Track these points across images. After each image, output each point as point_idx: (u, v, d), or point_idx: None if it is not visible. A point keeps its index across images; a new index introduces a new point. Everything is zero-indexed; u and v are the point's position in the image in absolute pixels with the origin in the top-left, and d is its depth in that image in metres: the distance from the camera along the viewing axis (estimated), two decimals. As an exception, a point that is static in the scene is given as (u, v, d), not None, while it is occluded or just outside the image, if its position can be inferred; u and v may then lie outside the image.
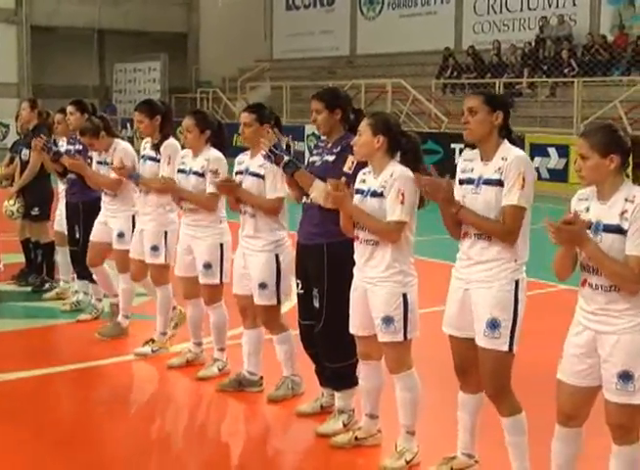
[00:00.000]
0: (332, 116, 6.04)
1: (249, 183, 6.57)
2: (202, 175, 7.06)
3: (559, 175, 18.85)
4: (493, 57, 26.34)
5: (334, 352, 6.06)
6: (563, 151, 19.12)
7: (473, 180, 5.01)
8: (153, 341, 7.88)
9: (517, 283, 4.94)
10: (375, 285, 5.42)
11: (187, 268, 7.28)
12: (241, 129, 6.62)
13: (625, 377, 4.36)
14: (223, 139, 7.29)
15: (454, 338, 5.18)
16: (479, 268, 4.97)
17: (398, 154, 5.51)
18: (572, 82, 22.74)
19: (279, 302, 6.67)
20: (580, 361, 4.50)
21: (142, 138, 7.98)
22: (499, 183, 4.89)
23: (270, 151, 6.10)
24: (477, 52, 27.05)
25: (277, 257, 6.58)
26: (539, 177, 19.64)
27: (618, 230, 4.32)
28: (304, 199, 6.10)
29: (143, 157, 7.81)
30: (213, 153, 7.11)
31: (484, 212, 4.92)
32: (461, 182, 5.09)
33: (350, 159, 5.80)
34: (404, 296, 5.40)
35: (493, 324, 4.91)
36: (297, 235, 6.25)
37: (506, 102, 5.19)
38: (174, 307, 8.08)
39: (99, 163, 8.36)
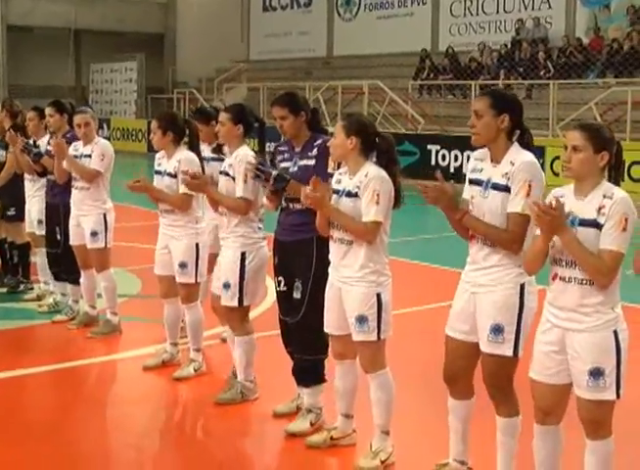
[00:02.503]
0: (297, 119, 6.07)
1: (220, 183, 6.61)
2: (174, 176, 7.10)
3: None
4: (472, 58, 26.41)
5: (307, 344, 6.07)
6: (539, 152, 19.08)
7: (482, 182, 4.92)
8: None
9: (522, 287, 4.87)
10: (349, 284, 5.44)
11: (164, 267, 7.31)
12: (217, 129, 6.65)
13: (596, 373, 4.39)
14: (196, 140, 7.33)
15: (451, 339, 5.13)
16: (484, 272, 4.92)
17: (374, 154, 5.54)
18: (548, 84, 22.86)
19: (240, 303, 6.55)
20: (550, 360, 4.53)
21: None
22: (506, 189, 4.80)
23: (258, 169, 6.11)
24: (453, 53, 27.12)
25: (243, 256, 6.51)
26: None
27: (595, 225, 4.35)
28: (284, 204, 6.11)
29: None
30: (186, 154, 7.15)
31: (491, 217, 4.85)
32: (471, 182, 5.02)
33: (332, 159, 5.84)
34: (378, 296, 5.40)
35: (497, 329, 4.86)
36: (275, 234, 6.24)
37: (514, 103, 5.00)
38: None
39: (75, 156, 8.33)
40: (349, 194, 5.41)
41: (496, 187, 4.84)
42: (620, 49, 23.05)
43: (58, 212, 8.74)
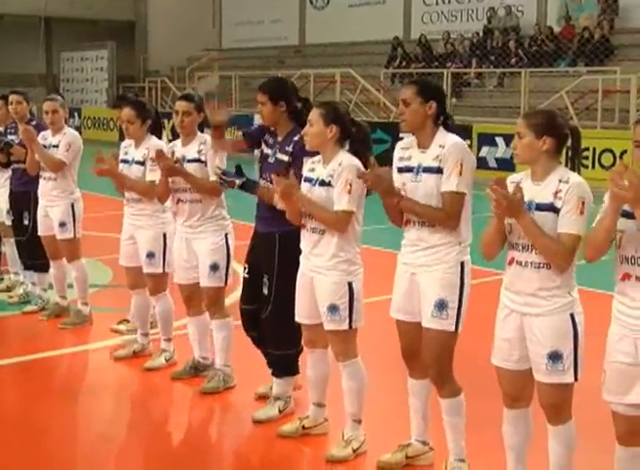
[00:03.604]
0: (276, 108, 6.03)
1: (190, 171, 6.59)
2: (143, 164, 7.08)
3: (507, 165, 18.91)
4: (445, 46, 26.46)
5: (279, 339, 6.09)
6: (510, 140, 19.13)
7: (412, 168, 5.07)
8: (127, 321, 7.91)
9: (462, 265, 5.03)
10: (321, 274, 5.44)
11: (130, 258, 7.28)
12: (179, 118, 6.64)
13: (555, 357, 4.45)
14: (161, 127, 7.36)
15: (402, 323, 5.22)
16: (425, 253, 5.03)
17: (347, 143, 5.53)
18: (520, 73, 22.94)
19: (226, 283, 6.74)
20: (511, 346, 4.58)
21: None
22: (439, 171, 4.96)
23: (221, 179, 6.17)
24: (425, 42, 27.13)
25: (226, 237, 6.67)
26: (487, 167, 19.82)
27: (551, 209, 4.41)
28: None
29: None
30: (154, 141, 7.13)
31: (426, 200, 4.98)
32: (400, 170, 5.14)
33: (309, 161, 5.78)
34: (350, 284, 5.41)
35: (441, 305, 4.98)
36: (255, 223, 6.26)
37: (439, 90, 5.24)
38: None
39: (44, 146, 8.27)
40: (323, 183, 5.41)
41: (428, 170, 5.00)
42: (591, 38, 23.16)
43: (27, 199, 8.68)
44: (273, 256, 5.97)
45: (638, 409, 4.18)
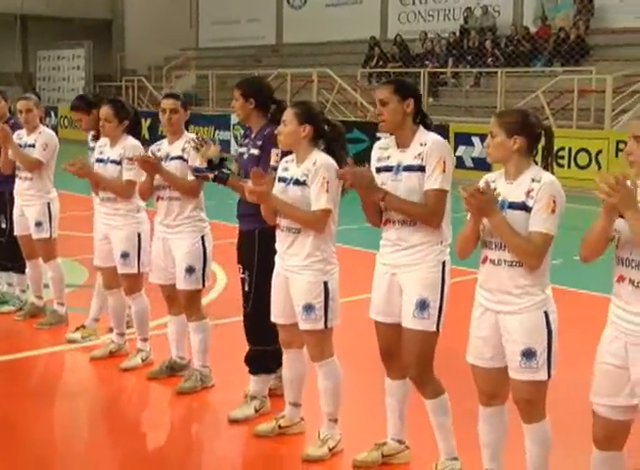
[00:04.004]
0: (245, 104, 6.13)
1: (171, 168, 6.60)
2: (119, 163, 7.06)
3: (483, 164, 18.95)
4: (422, 45, 26.52)
5: (257, 334, 6.10)
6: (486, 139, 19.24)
7: (391, 168, 5.07)
8: (83, 327, 7.88)
9: (443, 265, 5.03)
10: (296, 273, 5.45)
11: (105, 258, 7.26)
12: (166, 116, 6.66)
13: (529, 354, 4.48)
14: (139, 127, 7.36)
15: (380, 324, 5.22)
16: (406, 253, 5.03)
17: (321, 142, 5.55)
18: (496, 72, 23.00)
19: (204, 285, 6.74)
20: (485, 343, 4.61)
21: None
22: (420, 169, 4.96)
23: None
24: (402, 41, 27.17)
25: (203, 239, 6.66)
26: (463, 166, 19.88)
27: (523, 207, 4.43)
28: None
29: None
30: (130, 141, 7.11)
31: (406, 198, 4.98)
32: (378, 170, 5.14)
33: (274, 151, 5.84)
34: (325, 284, 5.42)
35: (423, 305, 4.98)
36: (238, 222, 6.29)
37: (415, 89, 5.25)
38: None
39: (20, 146, 8.24)
40: (297, 182, 5.42)
41: (410, 168, 5.00)
42: (567, 38, 23.27)
43: (3, 202, 8.65)
44: (253, 252, 5.98)
45: (619, 413, 4.19)
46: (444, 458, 5.19)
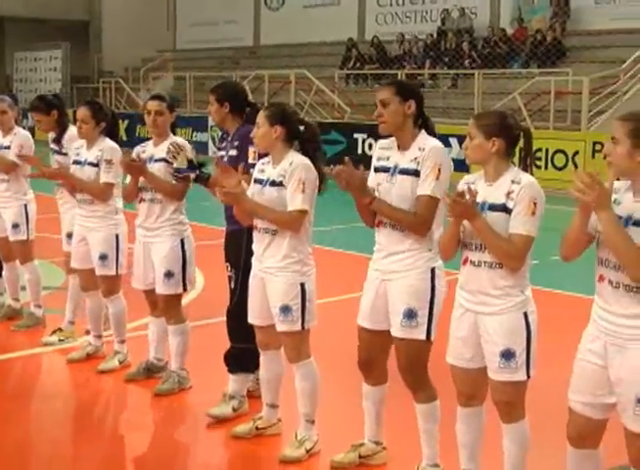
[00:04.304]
0: (221, 109, 6.21)
1: (155, 170, 6.59)
2: (96, 165, 7.03)
3: (460, 165, 18.96)
4: (399, 47, 26.57)
5: (239, 332, 6.08)
6: (464, 141, 19.25)
7: (388, 169, 5.03)
8: (60, 330, 7.85)
9: (432, 271, 4.98)
10: (273, 275, 5.45)
11: (83, 260, 7.23)
12: (151, 118, 6.65)
13: (508, 355, 4.49)
14: (117, 129, 7.34)
15: (364, 330, 5.20)
16: (394, 259, 5.00)
17: (297, 143, 5.55)
18: (473, 74, 23.09)
19: (185, 289, 6.72)
20: (464, 344, 4.63)
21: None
22: (415, 173, 4.91)
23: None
24: (379, 43, 27.22)
25: (182, 242, 6.64)
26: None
27: (503, 209, 4.45)
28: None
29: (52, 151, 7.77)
30: (108, 143, 7.08)
31: (398, 202, 4.94)
32: (376, 170, 5.11)
33: (251, 149, 5.88)
34: (302, 285, 5.42)
35: (410, 314, 4.95)
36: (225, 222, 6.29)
37: (417, 90, 5.18)
38: None
39: None
40: (273, 183, 5.42)
41: (405, 172, 4.95)
42: (544, 40, 23.37)
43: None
44: (240, 252, 5.98)
45: (596, 411, 4.20)
46: (426, 464, 5.18)
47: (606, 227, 3.98)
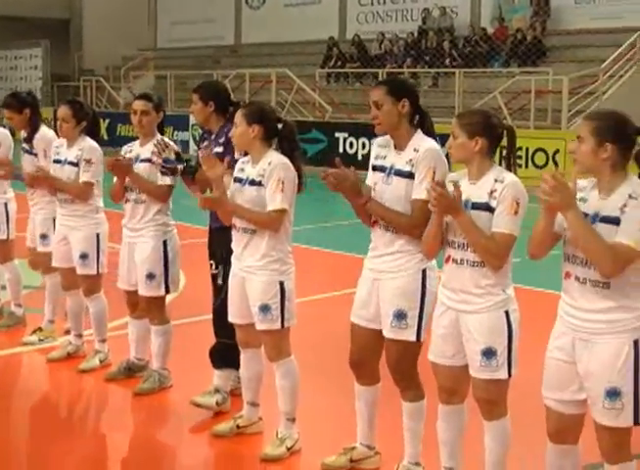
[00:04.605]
0: (205, 108, 6.25)
1: (140, 170, 6.58)
2: (76, 165, 7.02)
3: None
4: (380, 46, 26.60)
5: (224, 326, 6.08)
6: (445, 140, 19.26)
7: (385, 168, 5.01)
8: (40, 329, 7.84)
9: (424, 272, 4.96)
10: (252, 273, 5.45)
11: (63, 259, 7.22)
12: (137, 118, 6.63)
13: (489, 354, 4.52)
14: (98, 129, 7.32)
15: (357, 326, 5.20)
16: (387, 259, 5.00)
17: (276, 141, 5.55)
18: (454, 73, 23.13)
19: (167, 292, 6.70)
20: (445, 342, 4.65)
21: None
22: (410, 175, 4.88)
23: (163, 167, 6.22)
24: (360, 42, 27.24)
25: (165, 244, 6.61)
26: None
27: (486, 208, 4.47)
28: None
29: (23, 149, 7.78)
30: (88, 142, 7.07)
31: (394, 203, 4.93)
32: (374, 168, 5.09)
33: None
34: (281, 284, 5.43)
35: (400, 315, 4.94)
36: (209, 219, 6.29)
37: (410, 87, 5.14)
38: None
39: None
40: (253, 182, 5.43)
41: (400, 173, 4.93)
42: (524, 39, 23.44)
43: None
44: (228, 247, 5.97)
45: (570, 407, 4.25)
46: (407, 462, 5.19)
47: (574, 226, 4.04)
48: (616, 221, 4.02)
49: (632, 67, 20.83)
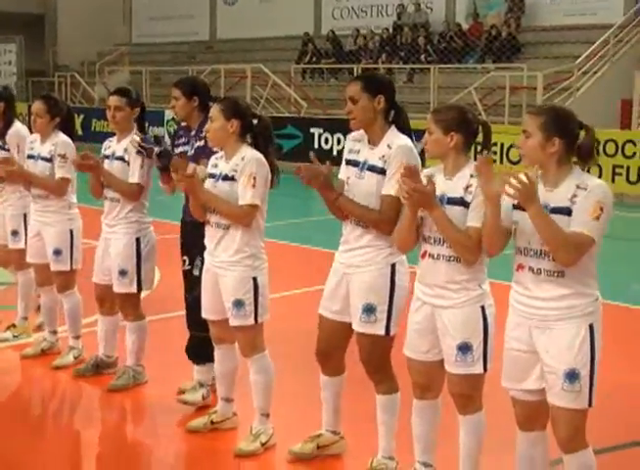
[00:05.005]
0: (189, 103, 6.22)
1: (113, 167, 6.56)
2: (49, 160, 7.01)
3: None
4: (355, 41, 26.61)
5: (200, 320, 6.08)
6: (420, 135, 19.27)
7: (358, 163, 5.04)
8: (14, 326, 7.81)
9: (393, 267, 5.00)
10: (225, 269, 5.46)
11: (37, 255, 7.20)
12: (111, 113, 6.61)
13: (464, 349, 4.56)
14: (72, 124, 7.29)
15: (324, 318, 5.24)
16: (356, 253, 5.04)
17: (249, 137, 5.56)
18: (429, 69, 23.15)
19: (139, 289, 6.68)
20: (421, 337, 4.68)
21: None
22: (382, 171, 4.93)
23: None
24: (335, 37, 27.25)
25: (138, 241, 6.59)
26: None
27: (461, 203, 4.51)
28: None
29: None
30: (61, 138, 7.05)
31: (365, 198, 4.97)
32: (348, 162, 5.13)
33: None
34: (254, 279, 5.44)
35: (369, 309, 4.99)
36: (182, 213, 6.28)
37: (387, 83, 5.15)
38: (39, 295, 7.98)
39: None
40: (226, 177, 5.44)
41: (372, 169, 4.96)
42: (499, 35, 23.52)
43: None
44: (203, 240, 5.94)
45: (534, 395, 4.32)
46: (381, 456, 5.22)
47: (536, 219, 4.11)
48: (566, 211, 4.13)
49: (606, 63, 20.92)
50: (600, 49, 20.94)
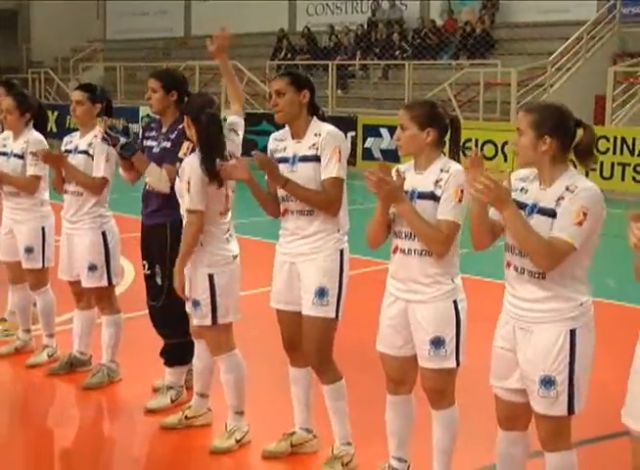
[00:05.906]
0: (167, 97, 6.14)
1: (76, 161, 6.55)
2: (21, 157, 6.97)
3: (391, 156, 19.12)
4: (330, 38, 26.61)
5: (174, 327, 6.11)
6: (395, 131, 19.35)
7: (287, 159, 5.15)
8: (4, 320, 7.79)
9: (341, 252, 5.12)
10: (188, 267, 5.46)
11: (9, 252, 7.18)
12: (72, 108, 6.60)
13: (437, 343, 4.57)
14: (44, 121, 7.26)
15: (283, 312, 5.29)
16: (304, 242, 5.10)
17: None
18: (404, 65, 23.19)
19: (110, 283, 6.67)
20: (395, 332, 4.69)
21: None
22: (316, 159, 5.05)
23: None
24: (310, 33, 27.24)
25: (104, 235, 6.59)
26: (372, 158, 20.02)
27: (432, 197, 4.52)
28: (146, 187, 6.13)
29: None
30: (33, 134, 7.03)
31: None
32: (277, 161, 5.19)
33: (186, 144, 5.82)
34: (210, 278, 5.43)
35: (322, 292, 5.06)
36: (141, 217, 6.27)
37: (310, 81, 5.31)
38: None
39: None
40: (304, 158, 5.43)
41: (305, 159, 5.09)
42: (473, 31, 23.60)
43: None
44: (165, 245, 5.98)
45: (517, 396, 4.30)
46: (339, 443, 5.27)
47: (509, 223, 4.10)
48: (551, 213, 4.08)
49: (579, 59, 21.01)
50: (573, 45, 21.04)
